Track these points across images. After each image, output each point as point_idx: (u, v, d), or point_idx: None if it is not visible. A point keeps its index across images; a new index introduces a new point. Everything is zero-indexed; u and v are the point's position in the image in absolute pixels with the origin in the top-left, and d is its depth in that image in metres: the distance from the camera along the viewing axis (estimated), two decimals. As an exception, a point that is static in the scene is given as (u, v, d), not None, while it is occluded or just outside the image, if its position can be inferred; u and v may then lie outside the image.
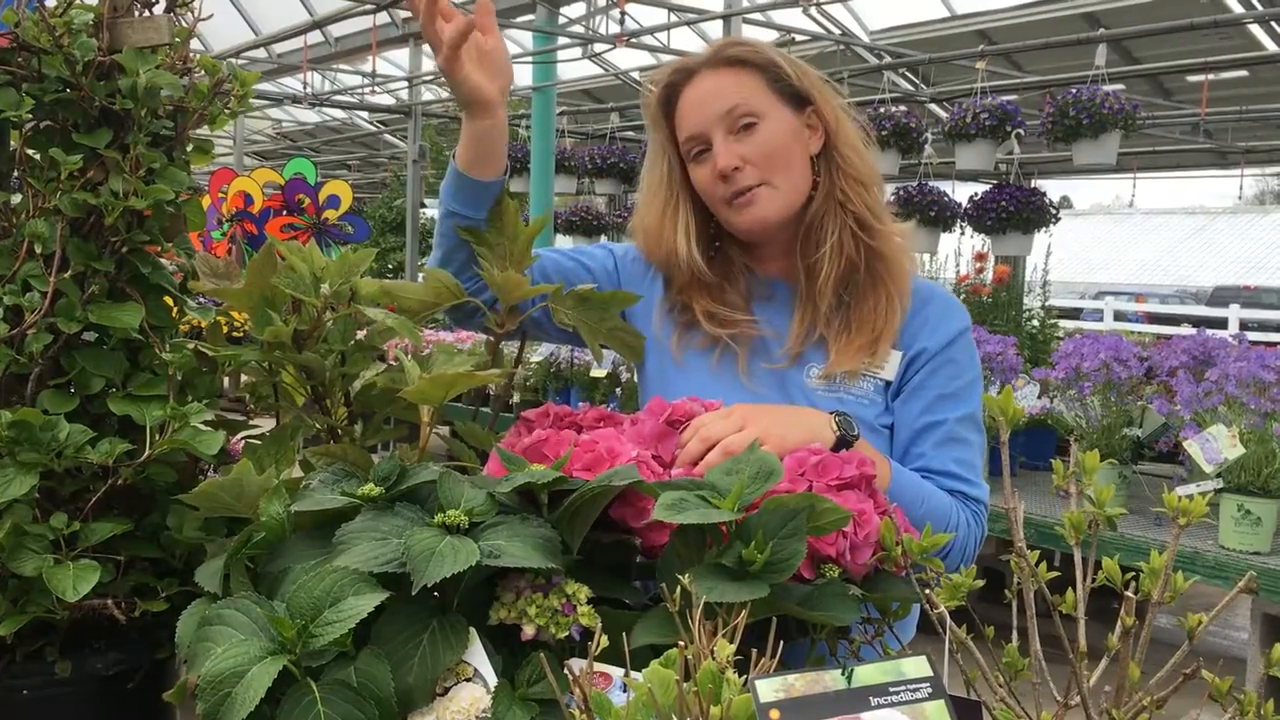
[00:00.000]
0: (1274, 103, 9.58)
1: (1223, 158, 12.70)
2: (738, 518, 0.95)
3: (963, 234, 6.62)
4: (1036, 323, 5.85)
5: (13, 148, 1.20)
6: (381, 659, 0.87)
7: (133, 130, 1.18)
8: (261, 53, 10.45)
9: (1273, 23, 8.27)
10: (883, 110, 6.85)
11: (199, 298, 1.30)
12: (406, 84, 10.92)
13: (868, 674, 0.73)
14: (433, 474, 1.01)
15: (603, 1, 8.00)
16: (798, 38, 8.12)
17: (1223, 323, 14.61)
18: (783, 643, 0.77)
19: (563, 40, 8.52)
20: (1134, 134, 6.45)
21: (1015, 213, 6.16)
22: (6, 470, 1.08)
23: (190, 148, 1.29)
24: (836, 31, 9.52)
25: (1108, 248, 30.78)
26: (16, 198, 1.22)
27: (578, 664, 0.84)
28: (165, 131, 1.24)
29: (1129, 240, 31.32)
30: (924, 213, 6.61)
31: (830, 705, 0.71)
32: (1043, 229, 6.30)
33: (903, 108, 7.13)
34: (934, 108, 10.66)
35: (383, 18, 8.26)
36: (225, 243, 6.28)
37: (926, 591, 0.92)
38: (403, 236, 11.39)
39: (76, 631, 1.17)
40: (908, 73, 10.14)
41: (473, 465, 1.23)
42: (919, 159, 6.99)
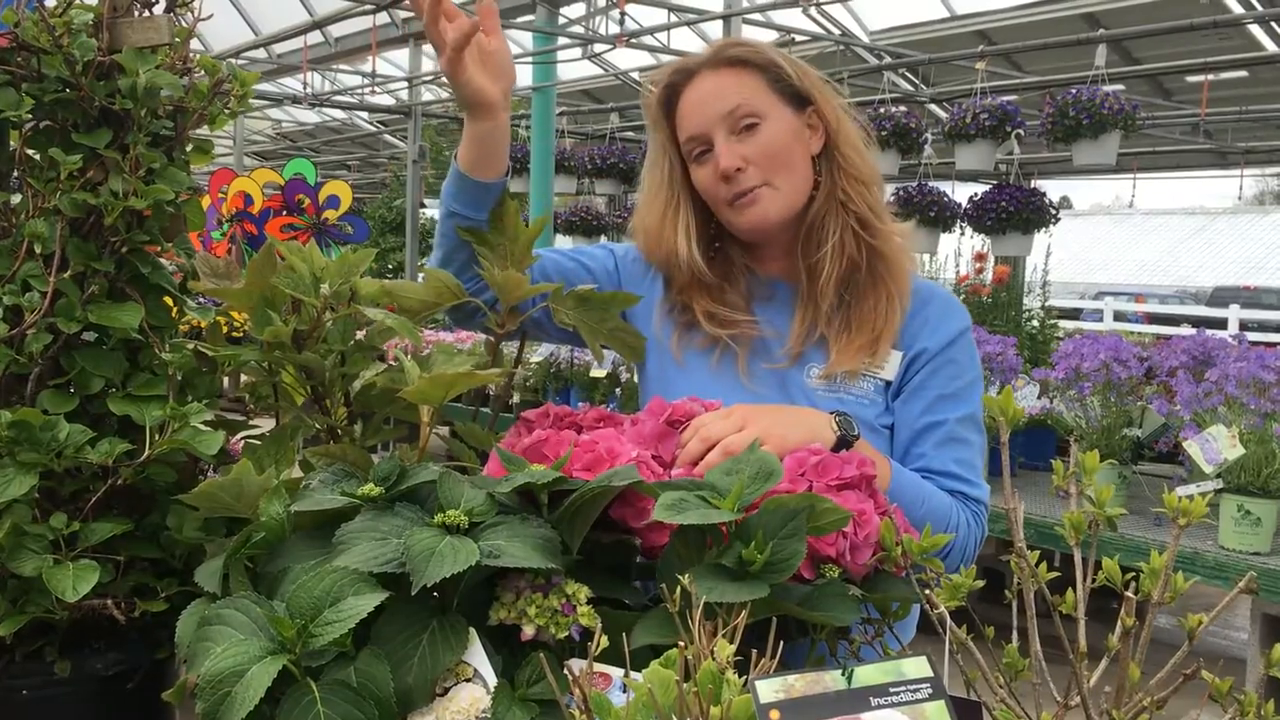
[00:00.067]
0: (1274, 103, 9.58)
1: (1223, 158, 12.70)
2: (738, 518, 0.95)
3: (962, 234, 6.62)
4: (1036, 323, 5.85)
5: (13, 148, 1.20)
6: (381, 659, 0.87)
7: (132, 130, 1.18)
8: (261, 53, 10.45)
9: (1273, 23, 8.26)
10: (883, 110, 6.84)
11: (199, 298, 1.30)
12: (406, 84, 10.93)
13: (868, 674, 0.73)
14: (432, 474, 1.01)
15: (603, 2, 7.99)
16: (798, 38, 8.12)
17: (1222, 323, 14.60)
18: (783, 643, 0.77)
19: (563, 40, 8.52)
20: (1134, 134, 6.45)
21: (1015, 213, 6.16)
22: (6, 470, 1.08)
23: (190, 148, 1.29)
24: (836, 32, 9.51)
25: (1107, 248, 30.76)
26: (16, 198, 1.22)
27: (577, 664, 0.84)
28: (165, 131, 1.24)
29: (1129, 240, 31.31)
30: (924, 213, 6.61)
31: (830, 706, 0.71)
32: (1042, 229, 6.30)
33: (903, 108, 7.12)
34: (934, 108, 10.66)
35: (383, 18, 8.26)
36: (225, 243, 6.28)
37: (926, 592, 0.92)
38: (402, 237, 11.39)
39: (76, 631, 1.16)
40: (908, 73, 10.14)
41: (473, 465, 1.23)
42: (919, 159, 6.99)
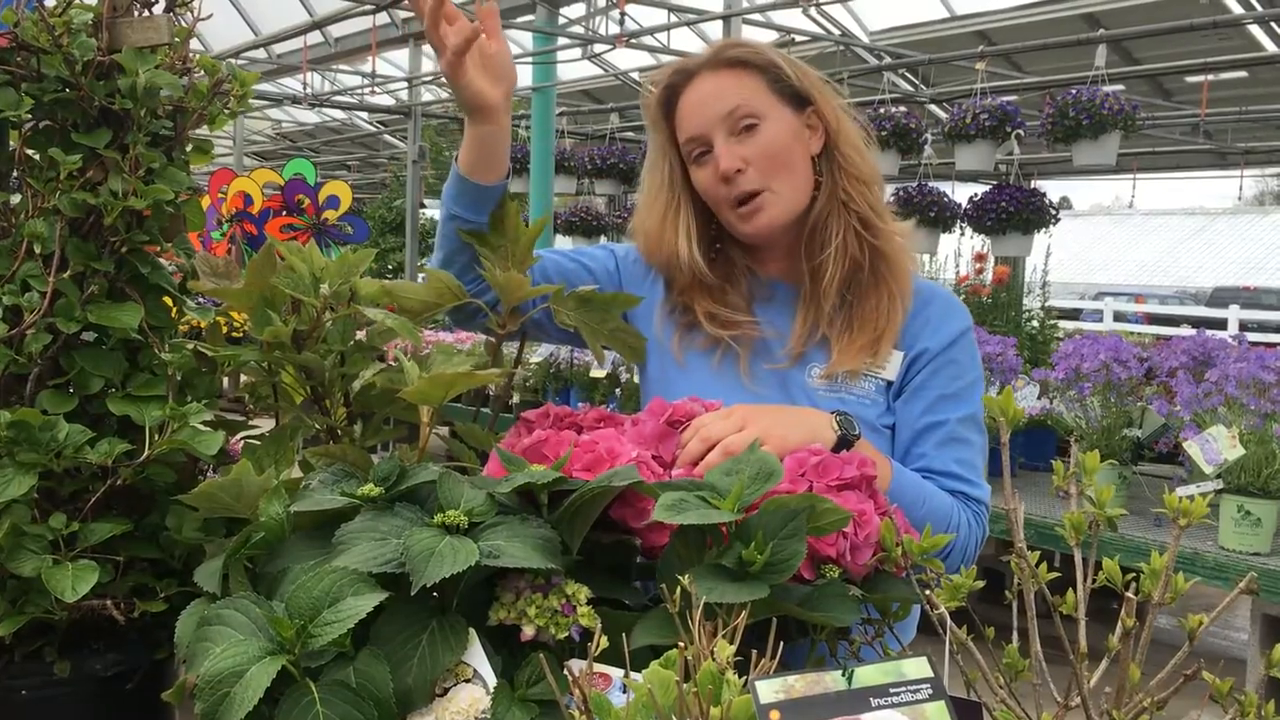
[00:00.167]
0: (1274, 103, 9.59)
1: (1222, 158, 12.70)
2: (738, 518, 0.95)
3: (962, 234, 6.62)
4: (1036, 323, 5.85)
5: (12, 148, 1.20)
6: (380, 659, 0.87)
7: (132, 130, 1.18)
8: (261, 53, 10.45)
9: (1273, 23, 8.27)
10: (882, 111, 6.85)
11: (198, 298, 1.30)
12: (406, 84, 10.93)
13: (868, 675, 0.73)
14: (432, 474, 1.01)
15: (603, 2, 8.00)
16: (797, 38, 8.12)
17: (1222, 323, 14.60)
18: (783, 643, 0.77)
19: (562, 41, 8.52)
20: (1134, 135, 6.46)
21: (1015, 213, 6.16)
22: (6, 470, 1.08)
23: (190, 148, 1.28)
24: (836, 32, 9.52)
25: (1107, 248, 30.76)
26: (16, 198, 1.22)
27: (577, 665, 0.84)
28: (165, 131, 1.23)
29: (1129, 241, 31.30)
30: (924, 213, 6.61)
31: (830, 706, 0.71)
32: (1042, 229, 6.30)
33: (902, 108, 7.13)
34: (934, 108, 10.66)
35: (382, 18, 8.26)
36: (225, 243, 6.29)
37: (927, 592, 0.92)
38: (402, 237, 11.40)
39: (75, 632, 1.16)
40: (907, 73, 10.15)
41: (472, 465, 1.23)
42: (919, 159, 6.99)
